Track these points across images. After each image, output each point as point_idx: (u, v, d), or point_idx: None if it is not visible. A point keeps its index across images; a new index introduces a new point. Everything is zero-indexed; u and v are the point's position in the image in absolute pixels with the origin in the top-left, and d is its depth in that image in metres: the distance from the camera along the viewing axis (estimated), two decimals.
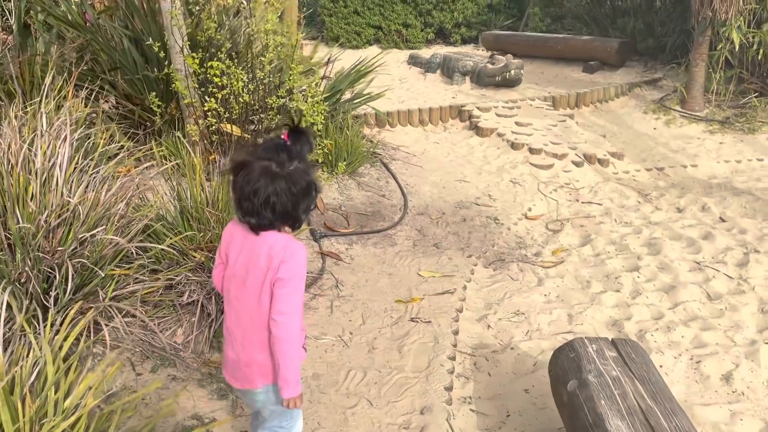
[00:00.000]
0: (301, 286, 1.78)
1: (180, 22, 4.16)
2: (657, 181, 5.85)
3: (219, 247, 1.94)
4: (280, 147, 1.73)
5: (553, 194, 5.42)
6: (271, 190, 1.70)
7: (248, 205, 1.72)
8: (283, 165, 1.71)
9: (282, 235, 1.80)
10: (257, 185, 1.69)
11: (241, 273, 1.82)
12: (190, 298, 2.71)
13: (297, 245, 1.80)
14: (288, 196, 1.71)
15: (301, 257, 1.78)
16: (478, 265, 4.11)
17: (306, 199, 1.76)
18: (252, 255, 1.79)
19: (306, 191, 1.75)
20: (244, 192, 1.71)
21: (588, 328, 3.48)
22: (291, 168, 1.72)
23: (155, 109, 4.25)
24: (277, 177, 1.70)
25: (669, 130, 7.17)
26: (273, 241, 1.78)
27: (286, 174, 1.71)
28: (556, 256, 4.34)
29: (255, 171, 1.70)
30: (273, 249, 1.77)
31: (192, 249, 2.86)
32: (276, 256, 1.76)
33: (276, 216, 1.74)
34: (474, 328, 3.39)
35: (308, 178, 1.75)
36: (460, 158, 6.10)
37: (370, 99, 5.74)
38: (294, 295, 1.76)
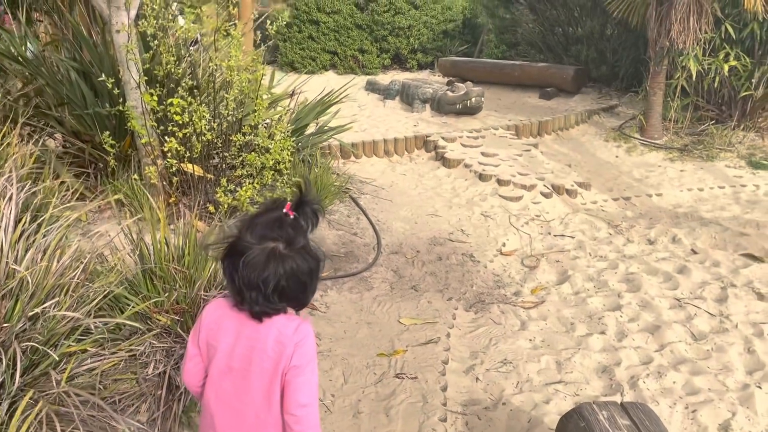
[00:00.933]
0: (315, 372, 1.57)
1: (136, 57, 3.88)
2: (625, 211, 5.84)
3: (194, 335, 1.66)
4: (284, 222, 1.51)
5: (525, 227, 5.32)
6: (281, 273, 1.49)
7: (255, 294, 1.50)
8: (291, 243, 1.50)
9: (288, 317, 1.59)
10: (266, 273, 1.48)
11: (241, 365, 1.56)
12: (156, 369, 2.43)
13: (306, 325, 1.59)
14: (300, 279, 1.51)
15: (312, 339, 1.58)
16: (459, 309, 3.93)
17: (316, 279, 1.55)
18: (256, 343, 1.55)
19: (316, 270, 1.54)
20: (251, 281, 1.48)
21: (578, 376, 3.33)
22: (299, 246, 1.51)
23: (108, 149, 3.94)
24: (287, 259, 1.49)
25: (630, 158, 7.23)
26: (281, 325, 1.56)
27: (294, 254, 1.50)
28: (536, 295, 4.21)
29: (260, 255, 1.48)
30: (283, 333, 1.55)
31: (157, 312, 2.57)
32: (289, 342, 1.54)
33: (286, 301, 1.54)
34: (462, 382, 3.19)
35: (317, 255, 1.55)
36: (429, 190, 5.95)
37: (336, 132, 5.55)
38: (312, 383, 1.55)
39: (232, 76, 3.98)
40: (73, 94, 4.46)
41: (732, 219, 5.45)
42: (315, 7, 12.28)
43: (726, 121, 7.43)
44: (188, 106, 3.84)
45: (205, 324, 1.63)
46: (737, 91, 7.21)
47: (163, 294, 2.64)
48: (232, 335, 1.57)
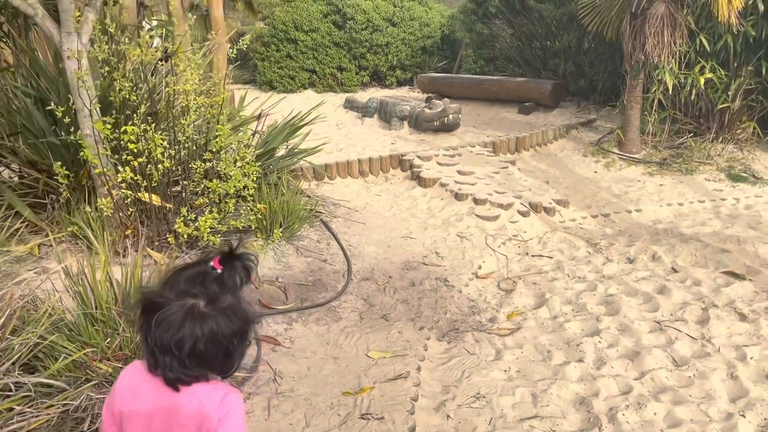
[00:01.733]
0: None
1: (89, 84, 3.72)
2: (604, 228, 5.73)
3: (108, 403, 1.48)
4: (208, 277, 1.36)
5: (502, 248, 5.18)
6: (199, 335, 1.32)
7: (168, 359, 1.33)
8: (214, 301, 1.34)
9: (212, 385, 1.41)
10: (181, 334, 1.31)
11: None
12: (93, 424, 2.24)
13: (234, 395, 1.41)
14: (221, 342, 1.34)
15: (241, 410, 1.40)
16: (431, 339, 3.76)
17: (243, 343, 1.37)
18: (175, 417, 1.38)
19: (243, 333, 1.37)
20: (163, 343, 1.32)
21: (555, 409, 3.17)
22: (224, 304, 1.35)
23: (61, 180, 3.76)
24: (206, 318, 1.33)
25: (609, 173, 7.14)
26: (203, 396, 1.38)
27: (217, 313, 1.34)
28: (512, 321, 4.06)
29: (177, 313, 1.32)
30: (205, 406, 1.37)
31: (97, 360, 2.39)
32: (212, 415, 1.36)
33: (205, 367, 1.36)
34: (432, 420, 3.02)
35: (245, 316, 1.37)
36: (404, 211, 5.80)
37: (307, 154, 5.40)
38: None
39: (188, 100, 3.82)
40: (30, 122, 4.28)
41: (713, 234, 5.35)
42: (292, 26, 12.19)
43: (704, 134, 7.38)
44: (143, 133, 3.67)
45: (119, 391, 1.45)
46: (714, 103, 7.16)
47: (105, 339, 2.45)
48: (149, 405, 1.40)
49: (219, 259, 1.38)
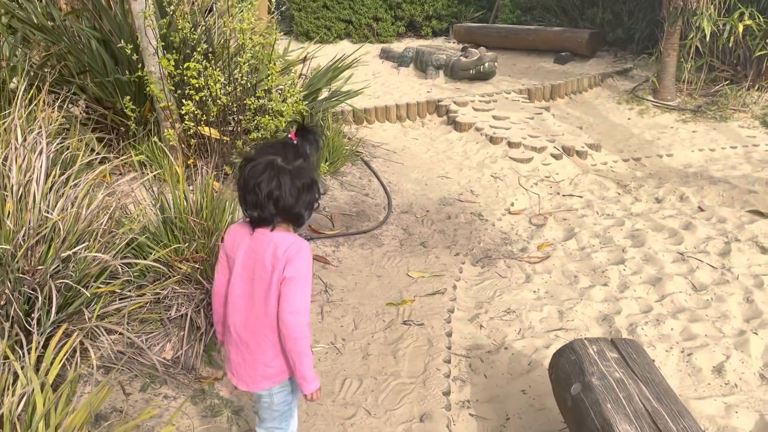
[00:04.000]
0: (307, 285, 1.76)
1: (153, 23, 4.02)
2: (635, 172, 5.90)
3: (222, 250, 1.91)
4: (287, 145, 1.75)
5: (534, 188, 5.42)
6: (275, 183, 1.69)
7: (252, 198, 1.72)
8: (288, 160, 1.71)
9: (286, 234, 1.79)
10: (261, 178, 1.69)
11: (247, 274, 1.81)
12: (178, 312, 2.62)
13: (301, 243, 1.78)
14: (291, 191, 1.70)
15: (306, 255, 1.76)
16: (466, 263, 4.08)
17: (308, 195, 1.73)
18: (257, 256, 1.78)
19: (308, 187, 1.73)
20: (248, 185, 1.71)
21: (579, 323, 3.48)
22: (296, 163, 1.72)
23: (129, 113, 4.11)
24: (282, 171, 1.70)
25: (643, 120, 7.24)
26: (278, 241, 1.76)
27: (290, 169, 1.71)
28: (542, 251, 4.34)
29: (260, 165, 1.70)
30: (278, 248, 1.75)
31: (178, 261, 2.76)
32: (282, 256, 1.74)
33: (279, 210, 1.72)
34: (467, 329, 3.36)
35: (311, 175, 1.74)
36: (440, 154, 6.06)
37: (348, 96, 5.66)
38: (301, 294, 1.74)
39: (244, 39, 4.11)
40: (94, 61, 4.63)
41: (742, 177, 5.49)
42: None
43: (741, 82, 7.39)
44: (203, 70, 3.98)
45: (227, 240, 1.89)
46: (752, 51, 7.15)
47: (183, 244, 2.82)
48: (243, 248, 1.82)
49: (295, 132, 1.79)
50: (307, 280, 1.75)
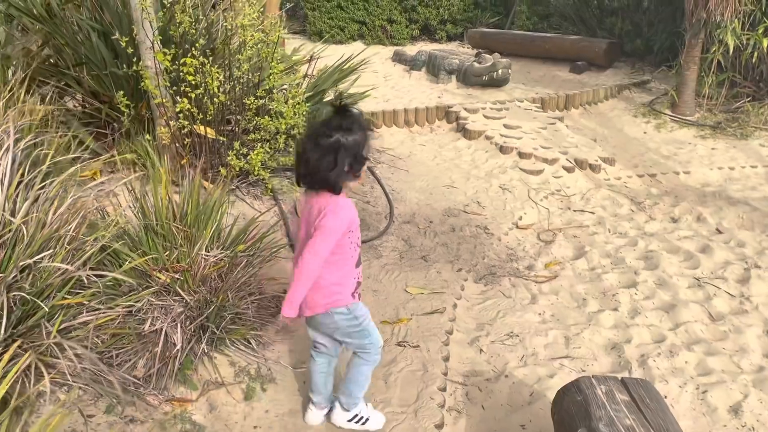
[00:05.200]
0: (330, 237, 2.10)
1: (151, 15, 3.84)
2: (650, 188, 5.66)
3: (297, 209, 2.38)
4: (326, 120, 2.11)
5: (544, 202, 5.20)
6: (314, 151, 2.06)
7: (303, 167, 2.13)
8: (326, 135, 2.05)
9: (333, 197, 2.13)
10: (305, 146, 2.10)
11: (305, 226, 2.21)
12: (153, 326, 2.43)
13: (341, 204, 2.12)
14: (312, 152, 2.07)
15: (338, 213, 2.10)
16: (469, 280, 3.87)
17: (329, 157, 2.04)
18: (310, 210, 2.18)
19: (330, 149, 2.04)
20: (299, 156, 2.15)
21: (586, 351, 3.26)
22: (331, 138, 2.04)
23: (123, 108, 3.93)
24: (308, 136, 2.13)
25: (660, 134, 7.00)
26: (324, 200, 2.14)
27: (313, 134, 2.10)
28: (550, 270, 4.12)
29: (308, 137, 2.12)
30: (322, 205, 2.13)
31: (156, 270, 2.57)
32: (322, 211, 2.11)
33: (308, 171, 2.11)
34: (466, 353, 3.15)
35: (337, 144, 2.03)
36: (447, 162, 5.85)
37: (355, 99, 5.46)
38: (321, 242, 2.10)
39: (245, 35, 3.92)
40: (93, 54, 4.46)
41: (762, 199, 5.24)
42: None
43: (763, 98, 7.12)
44: (201, 66, 3.80)
45: (301, 198, 2.30)
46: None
47: (163, 252, 2.63)
48: (304, 205, 2.24)
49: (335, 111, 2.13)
50: (331, 234, 2.10)
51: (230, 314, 2.63)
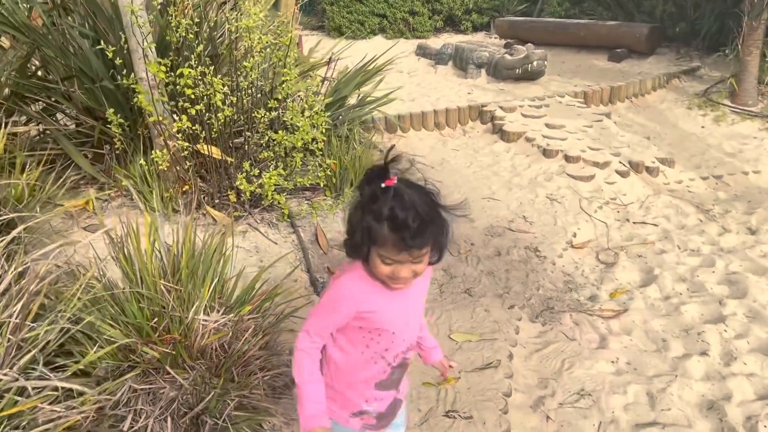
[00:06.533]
0: (322, 309, 1.59)
1: (142, 20, 3.31)
2: (716, 192, 4.99)
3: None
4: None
5: (599, 213, 4.56)
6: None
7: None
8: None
9: (345, 265, 1.63)
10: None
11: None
12: (135, 423, 1.89)
13: (342, 274, 1.58)
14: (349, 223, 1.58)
15: (337, 284, 1.57)
16: (523, 319, 3.27)
17: (355, 238, 1.47)
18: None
19: (352, 228, 1.49)
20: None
21: (677, 414, 2.64)
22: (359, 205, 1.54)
23: (114, 129, 3.41)
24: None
25: (719, 128, 6.28)
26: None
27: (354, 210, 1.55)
28: (616, 300, 3.50)
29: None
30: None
31: (143, 344, 2.03)
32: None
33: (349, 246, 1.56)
34: (530, 422, 2.55)
35: (354, 216, 1.49)
36: (484, 169, 5.24)
37: (380, 104, 4.89)
38: (314, 312, 1.61)
39: (251, 39, 3.36)
40: (86, 65, 3.94)
41: None
42: None
43: None
44: (201, 77, 3.25)
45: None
46: None
47: (151, 319, 2.08)
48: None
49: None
50: (324, 306, 1.59)
51: (236, 396, 2.07)
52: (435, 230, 1.43)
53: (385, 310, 1.56)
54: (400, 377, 1.69)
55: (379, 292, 1.53)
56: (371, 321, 1.56)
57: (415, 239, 1.39)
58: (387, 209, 1.38)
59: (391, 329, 1.58)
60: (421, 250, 1.43)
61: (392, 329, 1.59)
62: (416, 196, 1.41)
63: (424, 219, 1.39)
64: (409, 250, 1.41)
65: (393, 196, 1.38)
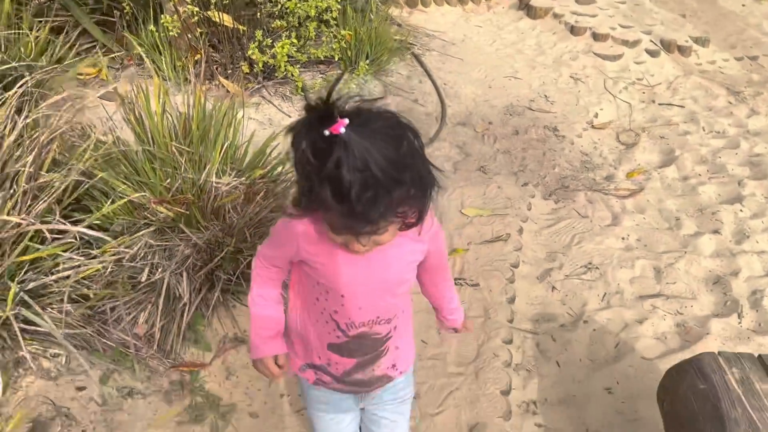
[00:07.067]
0: (270, 239, 1.34)
1: None
2: (750, 74, 4.76)
3: None
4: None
5: (624, 94, 4.40)
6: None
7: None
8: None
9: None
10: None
11: None
12: (152, 275, 1.97)
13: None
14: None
15: (283, 220, 1.28)
16: (536, 196, 3.26)
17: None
18: None
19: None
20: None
21: (683, 288, 2.68)
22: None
23: None
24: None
25: (761, 7, 5.89)
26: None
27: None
28: (633, 181, 3.46)
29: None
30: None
31: (155, 203, 2.07)
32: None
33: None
34: (535, 291, 2.62)
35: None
36: (508, 47, 5.03)
37: None
38: (266, 240, 1.36)
39: None
40: None
41: None
42: None
43: None
44: None
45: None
46: None
47: (163, 181, 2.12)
48: None
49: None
50: (272, 234, 1.33)
51: (248, 255, 2.14)
52: (401, 194, 1.02)
53: (334, 268, 1.23)
54: (367, 352, 1.35)
55: (326, 243, 1.19)
56: (317, 273, 1.25)
57: (368, 213, 1.00)
58: (329, 168, 0.97)
59: (339, 291, 1.25)
60: (376, 225, 1.05)
61: (342, 291, 1.25)
62: (375, 147, 0.98)
63: (382, 183, 0.97)
64: (358, 227, 1.05)
65: (339, 150, 0.97)
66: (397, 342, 1.39)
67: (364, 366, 1.37)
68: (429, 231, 1.28)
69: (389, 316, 1.32)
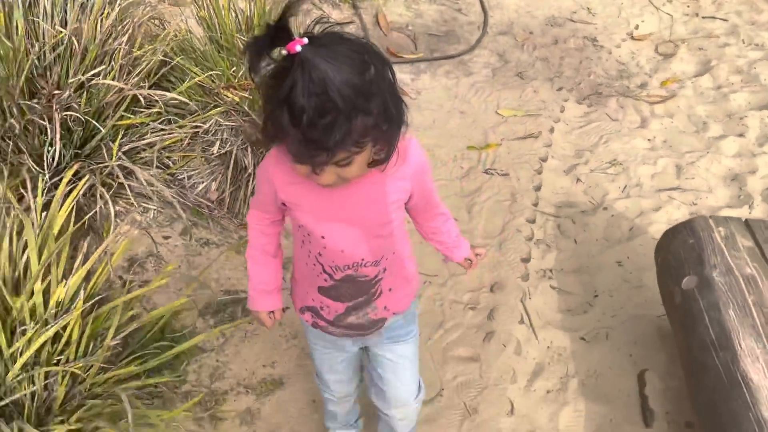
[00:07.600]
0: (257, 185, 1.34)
1: None
2: None
3: None
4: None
5: (667, 6, 4.43)
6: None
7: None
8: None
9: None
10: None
11: None
12: (222, 148, 2.30)
13: (267, 154, 1.27)
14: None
15: (261, 164, 1.28)
16: (570, 101, 3.44)
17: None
18: None
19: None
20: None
21: (700, 183, 2.89)
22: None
23: None
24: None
25: None
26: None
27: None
28: (666, 89, 3.59)
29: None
30: None
31: (223, 88, 2.38)
32: None
33: None
34: (560, 182, 2.87)
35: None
36: None
37: None
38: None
39: None
40: None
41: None
42: None
43: None
44: None
45: None
46: None
47: (229, 68, 2.42)
48: None
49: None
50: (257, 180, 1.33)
51: None
52: (364, 123, 0.97)
53: (310, 209, 1.22)
54: (356, 295, 1.34)
55: (301, 184, 1.16)
56: (295, 216, 1.25)
57: (324, 139, 0.95)
58: (284, 90, 0.93)
59: (319, 232, 1.23)
60: (332, 154, 0.99)
61: (321, 233, 1.23)
62: (335, 70, 0.92)
63: (340, 109, 0.93)
64: (313, 154, 0.99)
65: (296, 71, 0.91)
66: (390, 284, 1.35)
67: (356, 309, 1.36)
68: (413, 167, 1.22)
69: (375, 258, 1.28)
